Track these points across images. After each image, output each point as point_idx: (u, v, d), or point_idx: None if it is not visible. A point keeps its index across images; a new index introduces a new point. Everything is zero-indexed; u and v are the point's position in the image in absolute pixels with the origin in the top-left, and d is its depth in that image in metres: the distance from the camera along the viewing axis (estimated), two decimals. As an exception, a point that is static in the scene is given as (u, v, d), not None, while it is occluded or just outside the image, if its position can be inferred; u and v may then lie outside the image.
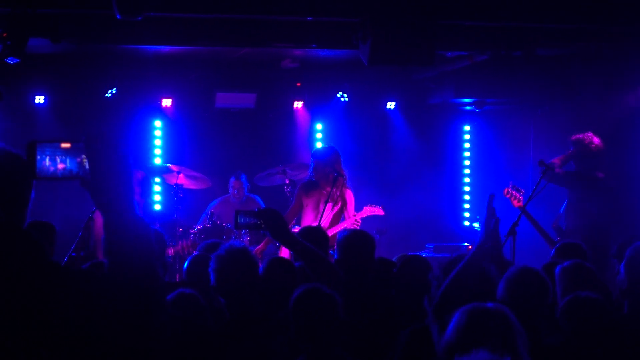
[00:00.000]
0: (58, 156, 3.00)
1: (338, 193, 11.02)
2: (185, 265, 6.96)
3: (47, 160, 3.00)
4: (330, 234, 9.96)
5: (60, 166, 3.01)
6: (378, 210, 11.56)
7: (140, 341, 2.97)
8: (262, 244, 11.15)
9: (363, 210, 11.37)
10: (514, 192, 11.01)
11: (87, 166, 3.00)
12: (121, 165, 3.00)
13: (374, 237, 6.94)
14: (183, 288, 5.67)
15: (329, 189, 10.98)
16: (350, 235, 6.78)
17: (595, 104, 13.09)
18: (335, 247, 6.80)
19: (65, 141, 3.01)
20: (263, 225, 5.81)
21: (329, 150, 11.34)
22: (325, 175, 11.11)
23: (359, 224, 11.07)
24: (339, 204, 11.15)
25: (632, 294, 5.77)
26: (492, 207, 5.23)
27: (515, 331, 3.90)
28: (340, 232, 7.03)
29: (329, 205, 10.96)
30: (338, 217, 11.19)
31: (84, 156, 2.99)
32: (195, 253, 7.29)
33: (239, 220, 5.89)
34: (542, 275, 5.16)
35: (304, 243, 5.85)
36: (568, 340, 5.07)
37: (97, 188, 2.99)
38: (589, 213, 11.36)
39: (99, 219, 10.15)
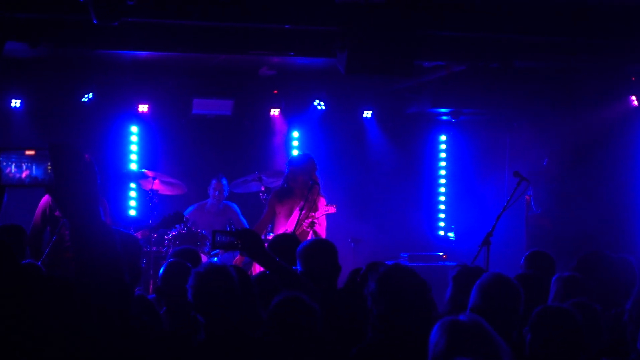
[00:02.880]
0: (24, 163, 2.99)
1: (312, 201, 11.00)
2: (161, 271, 6.94)
3: (13, 167, 2.99)
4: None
5: (25, 173, 3.00)
6: (331, 209, 11.55)
7: (106, 346, 2.97)
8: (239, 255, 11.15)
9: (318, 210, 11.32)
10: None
11: (52, 173, 2.99)
12: (86, 173, 3.01)
13: (333, 244, 6.86)
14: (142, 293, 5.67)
15: (303, 196, 10.95)
16: (309, 246, 6.72)
17: (570, 117, 13.17)
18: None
19: (30, 148, 3.00)
20: (240, 245, 5.86)
21: (305, 158, 11.32)
22: (300, 183, 11.08)
23: (317, 222, 11.02)
24: (313, 212, 11.12)
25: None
26: None
27: (496, 342, 3.92)
28: (301, 244, 6.96)
29: (303, 212, 10.93)
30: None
31: (49, 163, 2.99)
32: (171, 259, 7.26)
33: (216, 239, 5.93)
34: (516, 283, 5.18)
35: (280, 263, 5.87)
36: (534, 352, 5.06)
37: (62, 195, 3.00)
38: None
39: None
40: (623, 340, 5.34)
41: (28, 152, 3.00)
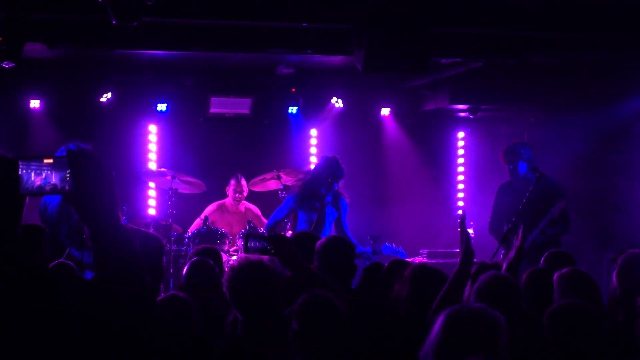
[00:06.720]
0: (43, 171, 3.00)
1: (332, 201, 10.99)
2: (185, 269, 6.99)
3: (33, 175, 3.00)
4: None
5: (39, 179, 3.00)
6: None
7: (128, 350, 2.99)
8: None
9: None
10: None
11: (71, 181, 3.00)
12: (105, 179, 3.03)
13: (351, 242, 6.91)
14: (177, 292, 5.65)
15: (324, 196, 10.94)
16: (326, 242, 6.76)
17: (588, 113, 13.13)
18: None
19: (48, 157, 3.01)
20: (273, 251, 5.83)
21: (327, 158, 11.31)
22: (321, 183, 11.07)
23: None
24: (333, 212, 11.11)
25: (625, 303, 5.73)
26: (465, 229, 5.40)
27: (500, 331, 3.91)
28: (319, 241, 6.99)
29: (324, 212, 10.93)
30: (330, 224, 11.15)
31: (68, 171, 3.00)
32: (195, 258, 7.29)
33: (249, 244, 5.88)
34: (514, 281, 5.12)
35: (312, 270, 5.84)
36: (550, 348, 5.03)
37: (81, 202, 3.01)
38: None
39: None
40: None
41: (46, 160, 3.00)
